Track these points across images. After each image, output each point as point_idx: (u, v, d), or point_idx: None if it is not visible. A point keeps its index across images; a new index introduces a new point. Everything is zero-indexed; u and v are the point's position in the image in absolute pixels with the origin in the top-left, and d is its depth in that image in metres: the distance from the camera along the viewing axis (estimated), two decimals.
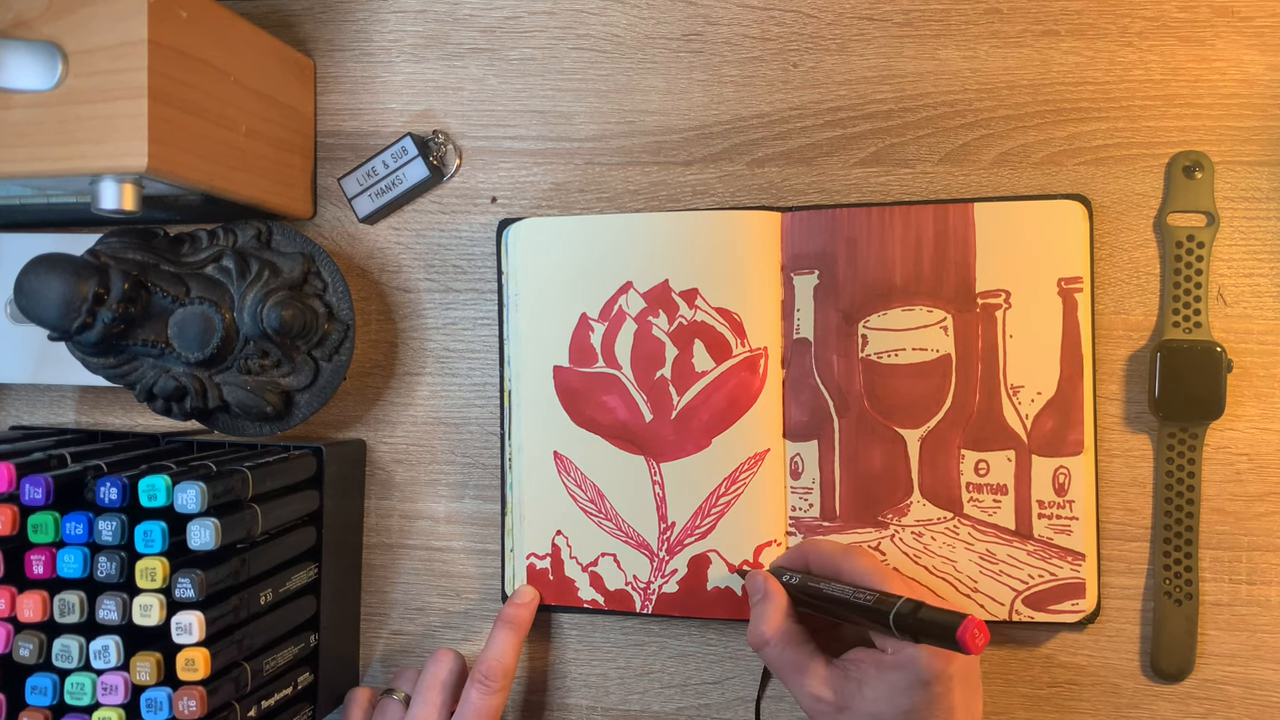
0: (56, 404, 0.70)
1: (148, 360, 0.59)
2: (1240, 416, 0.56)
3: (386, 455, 0.66)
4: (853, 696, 0.50)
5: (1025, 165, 0.58)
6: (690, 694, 0.62)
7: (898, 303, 0.58)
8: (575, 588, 0.61)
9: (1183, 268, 0.56)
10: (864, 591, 0.50)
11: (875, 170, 0.60)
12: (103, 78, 0.50)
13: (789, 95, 0.61)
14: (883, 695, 0.49)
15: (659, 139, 0.62)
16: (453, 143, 0.64)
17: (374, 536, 0.66)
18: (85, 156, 0.50)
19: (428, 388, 0.65)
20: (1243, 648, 0.57)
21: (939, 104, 0.59)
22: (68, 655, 0.51)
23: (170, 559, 0.50)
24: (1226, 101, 0.57)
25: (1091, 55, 0.58)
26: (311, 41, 0.66)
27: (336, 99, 0.66)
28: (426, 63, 0.65)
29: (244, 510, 0.54)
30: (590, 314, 0.61)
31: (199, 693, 0.50)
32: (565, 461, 0.61)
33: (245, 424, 0.62)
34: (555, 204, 0.63)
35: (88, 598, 0.51)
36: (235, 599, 0.53)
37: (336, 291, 0.61)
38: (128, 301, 0.55)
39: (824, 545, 0.55)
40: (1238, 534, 0.57)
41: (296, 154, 0.64)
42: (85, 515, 0.51)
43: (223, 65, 0.55)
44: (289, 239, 0.61)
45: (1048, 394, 0.56)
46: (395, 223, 0.65)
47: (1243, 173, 0.56)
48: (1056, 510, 0.56)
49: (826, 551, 0.55)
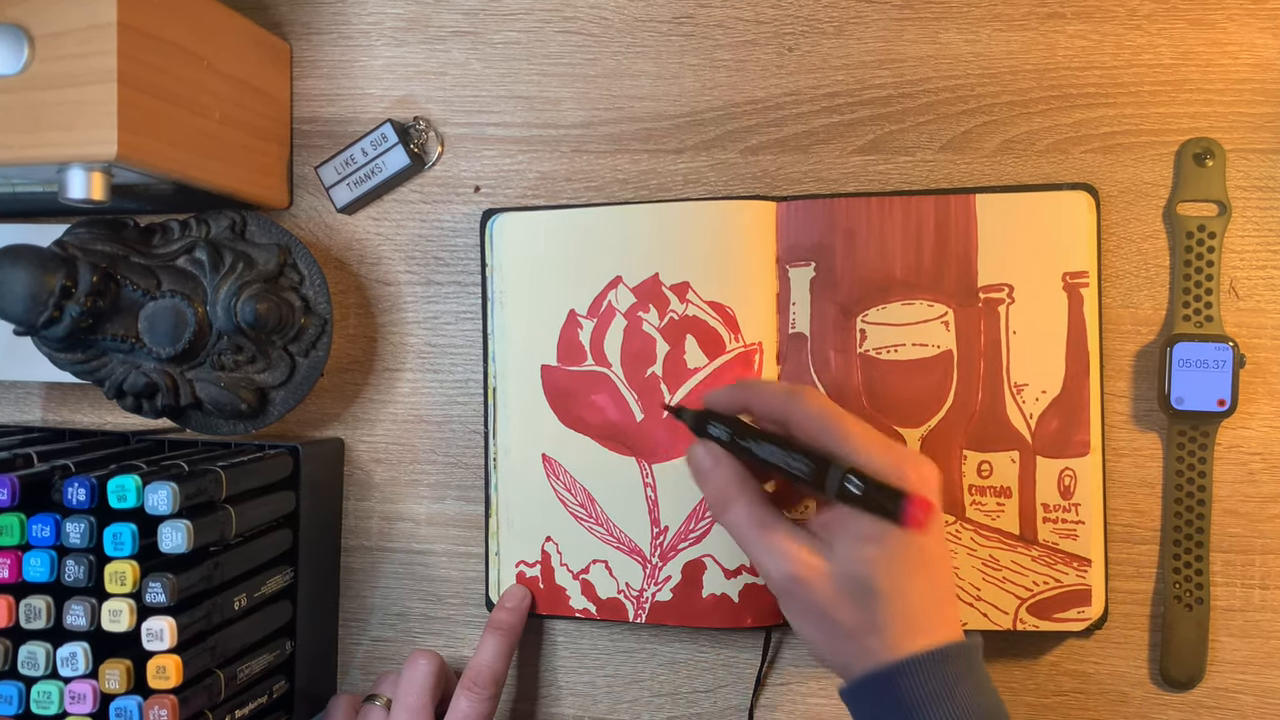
0: (22, 401, 0.71)
1: (117, 356, 0.60)
2: (1253, 414, 0.58)
3: (365, 455, 0.67)
4: (824, 556, 0.49)
5: (1029, 153, 0.59)
6: (681, 703, 0.63)
7: (897, 296, 0.59)
8: (566, 596, 0.62)
9: (1193, 259, 0.58)
10: (799, 459, 0.49)
11: (874, 158, 0.61)
12: (70, 62, 0.50)
13: (784, 80, 0.62)
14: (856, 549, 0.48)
15: (649, 126, 0.63)
16: (434, 130, 0.66)
17: (352, 539, 0.67)
18: (52, 144, 0.51)
19: (408, 385, 0.66)
20: (1256, 654, 0.58)
21: (940, 89, 0.60)
22: (34, 662, 0.52)
23: (141, 562, 0.51)
24: (1239, 87, 0.58)
25: (1099, 39, 0.59)
26: (287, 24, 0.67)
27: (313, 84, 0.67)
28: (407, 46, 0.66)
29: (217, 512, 0.55)
30: (578, 310, 0.62)
31: (170, 701, 0.51)
32: (554, 464, 0.62)
33: (219, 422, 0.63)
34: (541, 193, 0.64)
35: (55, 602, 0.52)
36: (208, 604, 0.54)
37: (313, 284, 0.62)
38: (96, 295, 0.56)
39: (766, 389, 0.53)
40: (1250, 536, 0.58)
41: (272, 141, 0.65)
42: (52, 517, 0.52)
43: (195, 49, 0.56)
44: (264, 230, 0.62)
45: (1053, 392, 0.57)
46: (375, 213, 0.66)
47: (1256, 160, 0.58)
48: (1062, 514, 0.57)
49: (769, 395, 0.52)
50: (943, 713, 0.46)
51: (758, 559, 0.50)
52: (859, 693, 0.49)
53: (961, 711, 0.46)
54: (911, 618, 0.48)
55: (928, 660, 0.47)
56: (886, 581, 0.47)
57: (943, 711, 0.46)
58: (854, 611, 0.48)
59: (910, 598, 0.48)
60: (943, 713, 0.46)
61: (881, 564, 0.47)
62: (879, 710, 0.48)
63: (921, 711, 0.46)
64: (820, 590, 0.48)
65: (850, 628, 0.48)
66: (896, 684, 0.47)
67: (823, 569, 0.48)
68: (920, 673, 0.47)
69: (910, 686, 0.47)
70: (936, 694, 0.46)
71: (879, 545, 0.48)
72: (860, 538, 0.48)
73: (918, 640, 0.47)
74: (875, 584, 0.47)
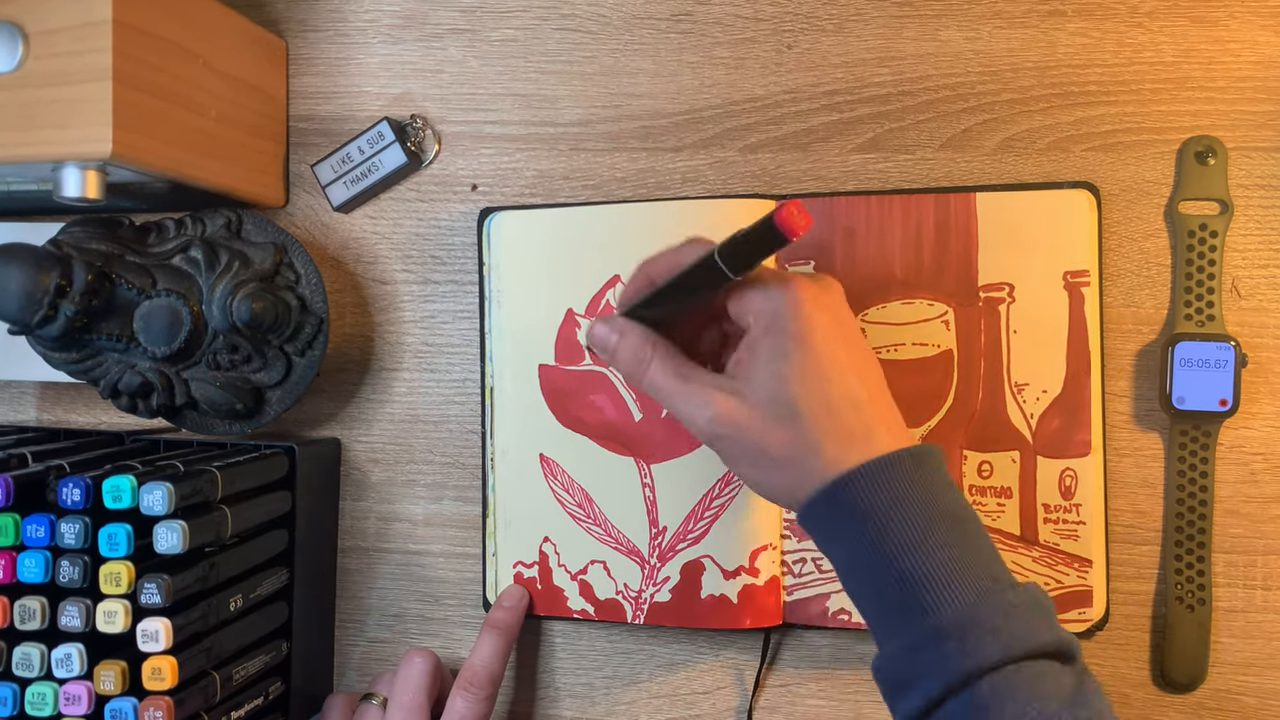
0: (16, 401, 0.71)
1: (112, 355, 0.60)
2: (1255, 414, 0.58)
3: (362, 454, 0.67)
4: (743, 391, 0.48)
5: (1030, 151, 0.59)
6: (679, 705, 0.63)
7: (897, 295, 0.59)
8: (564, 597, 0.62)
9: (1195, 258, 0.58)
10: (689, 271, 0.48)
11: (873, 157, 0.61)
12: (65, 59, 0.51)
13: (783, 78, 0.62)
14: (767, 372, 0.47)
15: (647, 124, 0.63)
16: (431, 128, 0.66)
17: (349, 539, 0.67)
18: (47, 142, 0.51)
19: (405, 384, 0.66)
20: (1258, 656, 0.58)
21: (940, 87, 0.60)
22: (28, 664, 0.52)
23: (136, 563, 0.51)
24: (1241, 85, 0.58)
25: (1099, 36, 0.59)
26: (284, 22, 0.67)
27: (310, 82, 0.67)
28: (404, 44, 0.66)
29: (213, 512, 0.55)
30: (576, 309, 0.62)
31: (166, 703, 0.51)
32: (551, 464, 0.62)
33: (214, 422, 0.63)
34: (539, 192, 0.64)
35: (49, 603, 0.52)
36: (204, 605, 0.54)
37: (310, 283, 0.62)
38: (91, 294, 0.56)
39: (658, 255, 0.52)
40: (1252, 537, 0.58)
41: (268, 139, 0.65)
42: (47, 517, 0.52)
43: (191, 47, 0.56)
44: (260, 228, 0.62)
45: (1053, 392, 0.58)
46: (371, 211, 0.67)
47: (1258, 159, 0.58)
48: (1063, 514, 0.58)
49: (663, 257, 0.52)
50: (897, 521, 0.44)
51: (681, 410, 0.49)
52: (811, 514, 0.47)
53: (915, 516, 0.44)
54: (841, 427, 0.46)
55: (869, 470, 0.45)
56: (804, 396, 0.46)
57: (897, 520, 0.44)
58: (784, 436, 0.47)
59: (834, 407, 0.46)
60: (897, 521, 0.44)
61: (796, 379, 0.46)
62: (834, 529, 0.46)
63: (874, 524, 0.45)
64: (747, 425, 0.47)
65: (786, 454, 0.47)
66: (841, 498, 0.45)
67: (743, 403, 0.47)
68: (863, 483, 0.45)
69: (856, 499, 0.45)
70: (886, 503, 0.45)
71: (788, 361, 0.46)
72: (769, 359, 0.47)
73: (853, 450, 0.46)
74: (795, 401, 0.46)
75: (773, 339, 0.47)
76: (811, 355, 0.47)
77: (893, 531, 0.44)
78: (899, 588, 0.44)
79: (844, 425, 0.46)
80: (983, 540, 0.46)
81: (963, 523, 0.45)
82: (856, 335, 0.49)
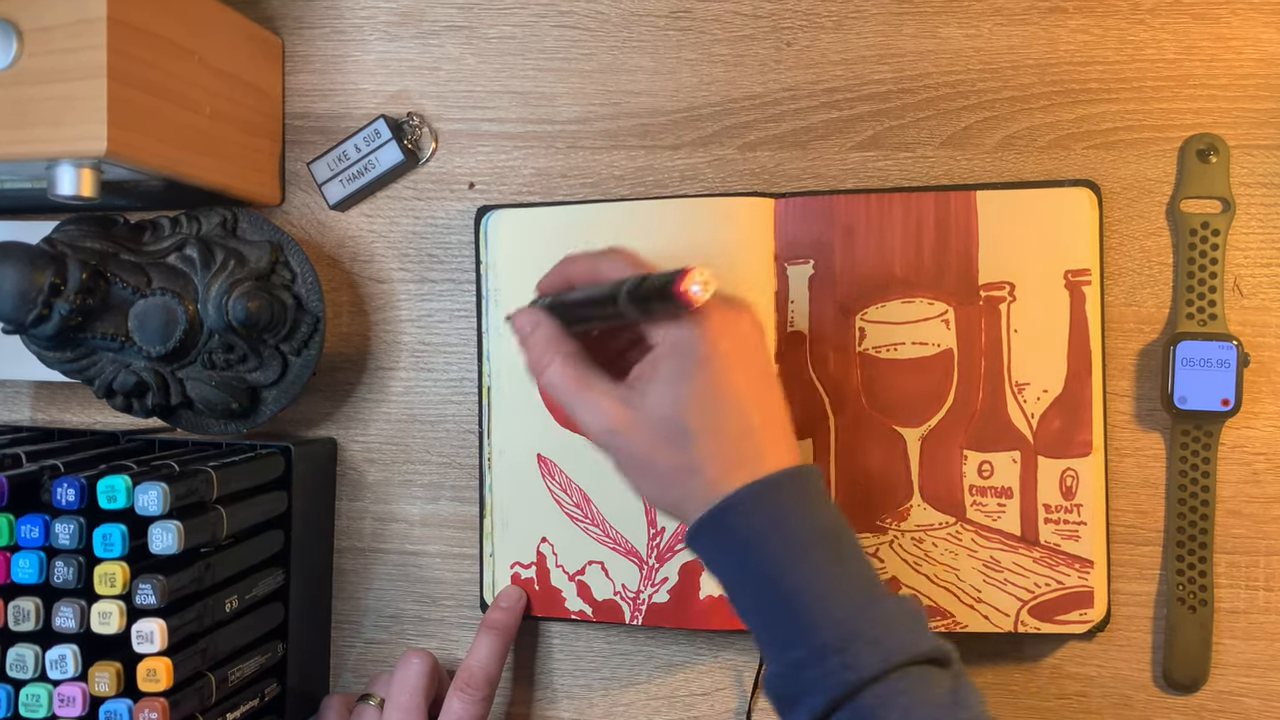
0: (11, 400, 0.71)
1: (107, 354, 0.60)
2: (1257, 414, 0.58)
3: (358, 454, 0.67)
4: (638, 404, 0.48)
5: (1031, 149, 0.59)
6: (678, 706, 0.63)
7: (897, 294, 0.59)
8: (562, 598, 0.62)
9: (1197, 257, 0.58)
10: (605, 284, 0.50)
11: (873, 154, 0.61)
12: (60, 56, 0.51)
13: (782, 75, 0.62)
14: (665, 391, 0.48)
15: (645, 122, 0.63)
16: (428, 125, 0.66)
17: (345, 540, 0.67)
18: (41, 140, 0.51)
19: (402, 384, 0.66)
20: (1260, 657, 0.58)
21: (940, 85, 0.60)
22: (22, 665, 0.52)
23: (130, 564, 0.51)
24: (1243, 82, 0.58)
25: (1101, 33, 0.59)
26: (279, 19, 0.67)
27: (306, 79, 0.67)
28: (401, 41, 0.66)
29: (208, 512, 0.55)
30: None
31: (161, 704, 0.51)
32: (549, 465, 0.62)
33: (209, 421, 0.63)
34: (536, 190, 0.64)
35: (44, 604, 0.52)
36: (199, 606, 0.54)
37: (306, 282, 0.62)
38: (86, 292, 0.56)
39: (581, 256, 0.54)
40: (1255, 537, 0.58)
41: (264, 137, 0.65)
42: (41, 518, 0.52)
43: (186, 44, 0.57)
44: (256, 227, 0.62)
45: (1054, 391, 0.58)
46: (368, 210, 0.67)
47: (1260, 157, 0.58)
48: (1064, 515, 0.58)
49: (584, 260, 0.53)
50: (777, 542, 0.45)
51: (577, 415, 0.50)
52: (696, 539, 0.48)
53: (794, 537, 0.46)
54: (729, 452, 0.47)
55: (750, 493, 0.46)
56: (697, 419, 0.47)
57: (776, 541, 0.46)
58: (672, 454, 0.47)
59: (724, 433, 0.47)
60: (777, 542, 0.45)
61: (691, 402, 0.47)
62: (718, 551, 0.47)
63: (756, 546, 0.46)
64: (637, 438, 0.48)
65: (671, 472, 0.48)
66: (724, 521, 0.46)
67: (637, 417, 0.48)
68: (744, 506, 0.46)
69: (737, 522, 0.46)
70: (766, 525, 0.46)
71: (687, 382, 0.47)
72: (669, 380, 0.47)
73: (738, 474, 0.46)
74: (687, 423, 0.47)
75: (677, 360, 0.48)
76: (712, 382, 0.47)
77: (773, 552, 0.46)
78: (782, 606, 0.46)
79: (733, 452, 0.47)
80: (858, 555, 0.47)
81: (839, 540, 0.47)
82: (761, 360, 0.50)
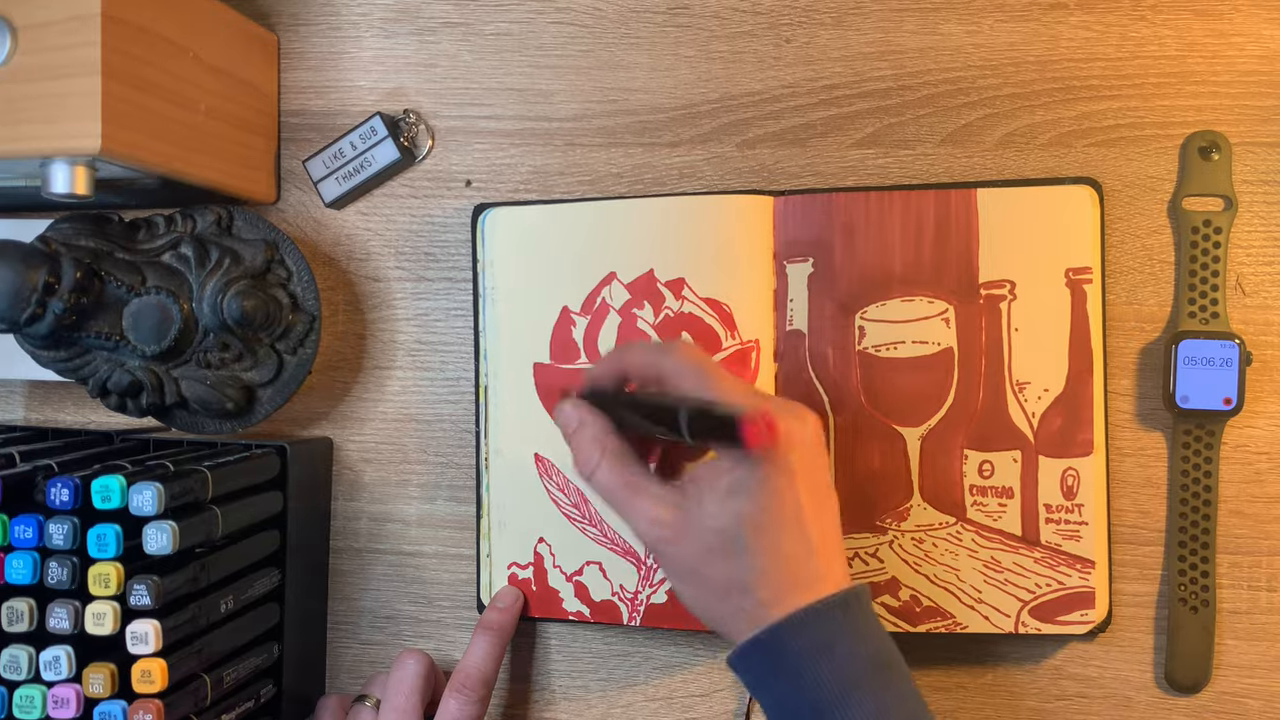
0: (4, 400, 0.71)
1: (101, 353, 0.60)
2: (1260, 413, 0.58)
3: (354, 454, 0.67)
4: (693, 513, 0.47)
5: (1031, 147, 0.59)
6: (677, 707, 0.63)
7: (897, 293, 0.59)
8: (560, 599, 0.62)
9: (1199, 255, 0.58)
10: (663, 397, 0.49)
11: (873, 152, 0.61)
12: (54, 54, 0.51)
13: (781, 72, 0.62)
14: (724, 503, 0.47)
15: (643, 119, 0.63)
16: (425, 123, 0.66)
17: (341, 540, 0.67)
18: (35, 137, 0.51)
19: (398, 383, 0.66)
20: (1263, 658, 0.58)
21: (940, 82, 0.60)
22: (16, 666, 0.52)
23: (125, 564, 0.51)
24: (1245, 79, 0.58)
25: (1102, 30, 0.59)
26: (275, 15, 0.67)
27: (301, 76, 0.67)
28: (397, 38, 0.66)
29: (203, 512, 0.55)
30: (572, 306, 0.62)
31: (155, 706, 0.51)
32: (547, 464, 0.62)
33: (204, 421, 0.63)
34: (534, 187, 0.64)
35: (37, 605, 0.52)
36: (194, 607, 0.54)
37: (301, 281, 0.62)
38: (80, 291, 0.56)
39: (639, 349, 0.52)
40: (1257, 537, 0.58)
41: (259, 135, 0.65)
42: (35, 518, 0.52)
43: (181, 40, 0.56)
44: (251, 225, 0.62)
45: (1055, 390, 0.58)
46: (364, 207, 0.67)
47: (1262, 154, 0.58)
48: (1065, 515, 0.58)
49: (643, 354, 0.52)
50: (826, 669, 0.45)
51: (627, 519, 0.49)
52: (742, 659, 0.47)
53: (844, 664, 0.45)
54: (785, 574, 0.46)
55: (802, 618, 0.45)
56: (754, 536, 0.46)
57: (825, 668, 0.45)
58: (723, 567, 0.47)
59: (782, 553, 0.46)
60: (826, 669, 0.45)
61: (749, 517, 0.46)
62: (766, 675, 0.47)
63: (807, 674, 0.45)
64: (688, 547, 0.47)
65: (723, 587, 0.47)
66: (773, 646, 0.46)
67: (690, 525, 0.47)
68: (797, 631, 0.45)
69: (787, 647, 0.45)
70: (815, 650, 0.45)
71: (746, 498, 0.46)
72: (727, 492, 0.47)
73: (792, 598, 0.46)
74: (745, 539, 0.46)
75: (739, 473, 0.47)
76: (774, 500, 0.46)
77: (824, 680, 0.45)
78: None
79: (789, 574, 0.47)
80: (907, 687, 0.47)
81: (890, 671, 0.46)
82: (823, 476, 0.49)
